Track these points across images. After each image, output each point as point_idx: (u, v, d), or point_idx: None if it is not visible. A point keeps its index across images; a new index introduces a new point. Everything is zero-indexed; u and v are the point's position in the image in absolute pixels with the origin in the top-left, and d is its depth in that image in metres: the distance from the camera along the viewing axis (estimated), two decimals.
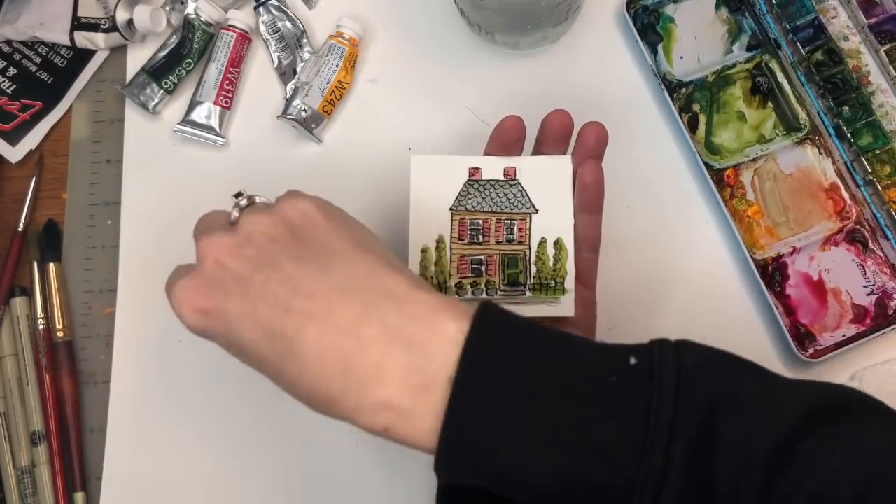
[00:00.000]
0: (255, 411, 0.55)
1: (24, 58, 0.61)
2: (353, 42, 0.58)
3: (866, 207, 0.55)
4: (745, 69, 0.57)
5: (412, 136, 0.58)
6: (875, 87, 0.57)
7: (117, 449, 0.55)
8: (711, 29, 0.59)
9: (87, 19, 0.59)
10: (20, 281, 0.58)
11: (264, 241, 0.39)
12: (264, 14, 0.60)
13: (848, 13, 0.58)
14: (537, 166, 0.46)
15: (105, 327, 0.57)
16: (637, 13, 0.59)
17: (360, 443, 0.54)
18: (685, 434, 0.32)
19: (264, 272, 0.37)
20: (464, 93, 0.59)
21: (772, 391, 0.34)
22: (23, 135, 0.60)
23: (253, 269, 0.38)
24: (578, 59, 0.59)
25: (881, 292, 0.54)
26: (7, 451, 0.55)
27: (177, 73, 0.59)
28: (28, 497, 0.54)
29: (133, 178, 0.59)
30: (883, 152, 0.55)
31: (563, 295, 0.45)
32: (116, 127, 0.60)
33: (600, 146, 0.46)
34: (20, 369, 0.56)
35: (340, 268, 0.37)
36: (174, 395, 0.56)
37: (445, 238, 0.45)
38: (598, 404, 0.33)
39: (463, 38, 0.60)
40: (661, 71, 0.58)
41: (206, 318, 0.39)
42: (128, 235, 0.58)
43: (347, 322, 0.35)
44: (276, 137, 0.58)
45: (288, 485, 0.54)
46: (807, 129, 0.56)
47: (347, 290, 0.36)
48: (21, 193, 0.59)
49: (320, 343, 0.35)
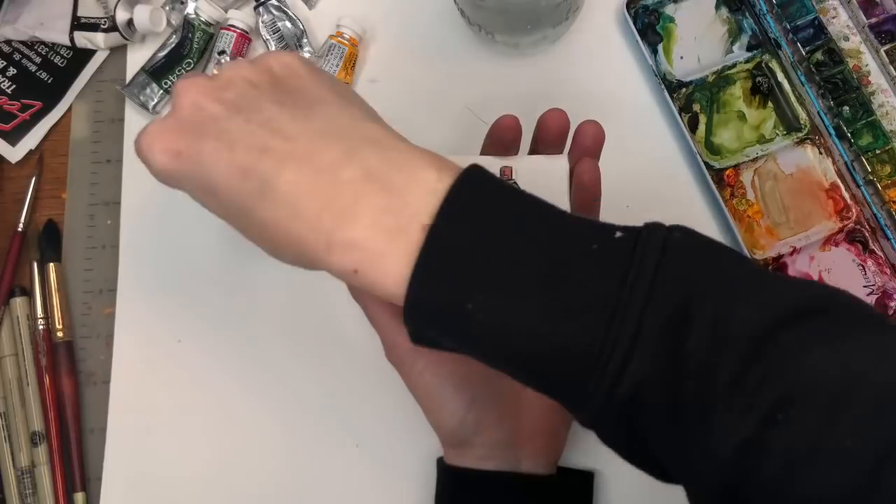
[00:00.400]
0: (255, 411, 0.55)
1: (24, 58, 0.61)
2: (353, 42, 0.58)
3: (866, 207, 0.55)
4: (745, 69, 0.57)
5: (412, 135, 0.58)
6: (875, 87, 0.57)
7: (117, 449, 0.55)
8: (711, 29, 0.59)
9: (87, 19, 0.59)
10: (20, 281, 0.58)
11: (245, 86, 0.38)
12: (264, 14, 0.60)
13: (848, 13, 0.58)
14: (534, 166, 0.46)
15: (105, 327, 0.57)
16: (637, 13, 0.59)
17: (360, 443, 0.54)
18: (660, 306, 0.31)
19: (243, 114, 0.36)
20: (464, 93, 0.59)
21: (762, 280, 0.33)
22: (23, 135, 0.60)
23: (232, 111, 0.37)
24: (578, 59, 0.59)
25: (881, 292, 0.54)
26: (7, 451, 0.55)
27: (177, 72, 0.59)
28: (28, 497, 0.54)
29: (133, 178, 0.59)
30: (883, 152, 0.55)
31: None
32: (116, 127, 0.60)
33: (597, 145, 0.46)
34: (20, 369, 0.56)
35: (322, 114, 0.36)
36: (174, 395, 0.56)
37: None
38: (574, 268, 0.32)
39: (463, 38, 0.60)
40: (661, 71, 0.58)
41: (176, 159, 0.37)
42: (128, 235, 0.58)
43: (327, 163, 0.34)
44: None
45: (288, 484, 0.54)
46: (807, 129, 0.56)
47: (328, 135, 0.35)
48: (21, 193, 0.59)
49: (297, 182, 0.34)
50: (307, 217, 0.34)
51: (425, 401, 0.45)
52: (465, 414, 0.44)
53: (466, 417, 0.44)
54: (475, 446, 0.45)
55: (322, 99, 0.38)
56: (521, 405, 0.46)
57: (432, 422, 0.46)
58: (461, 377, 0.44)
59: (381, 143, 0.36)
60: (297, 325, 0.56)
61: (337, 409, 0.55)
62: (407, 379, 0.45)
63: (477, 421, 0.44)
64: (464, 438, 0.45)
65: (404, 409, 0.47)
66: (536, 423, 0.46)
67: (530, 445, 0.46)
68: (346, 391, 0.55)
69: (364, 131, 0.36)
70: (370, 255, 0.33)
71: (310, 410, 0.55)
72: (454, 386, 0.44)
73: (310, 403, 0.55)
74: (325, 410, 0.55)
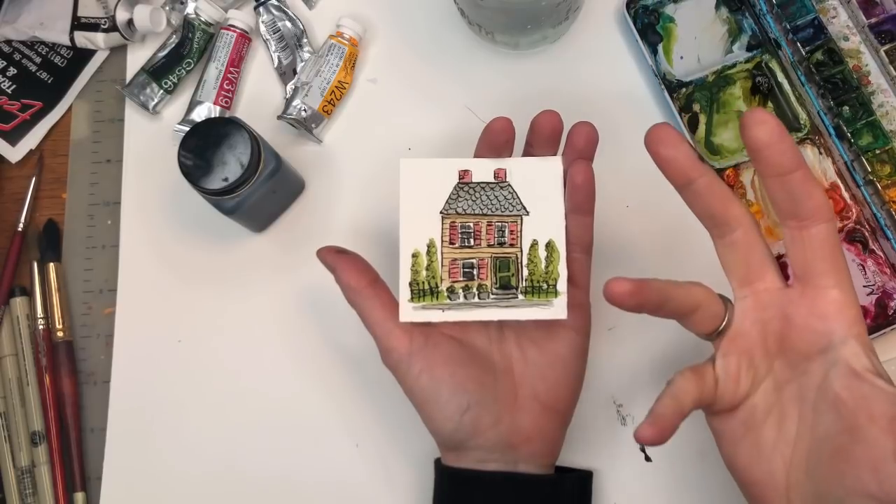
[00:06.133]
0: (255, 411, 0.55)
1: (24, 58, 0.61)
2: (353, 42, 0.58)
3: (866, 207, 0.55)
4: (745, 69, 0.57)
5: (412, 135, 0.59)
6: (875, 87, 0.57)
7: (117, 449, 0.55)
8: (711, 29, 0.59)
9: (87, 19, 0.59)
10: (20, 281, 0.58)
11: None
12: (264, 14, 0.60)
13: (848, 13, 0.58)
14: (527, 168, 0.46)
15: (105, 327, 0.57)
16: (637, 13, 0.59)
17: (360, 443, 0.54)
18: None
19: None
20: (464, 92, 0.59)
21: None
22: (23, 135, 0.60)
23: None
24: (578, 59, 0.59)
25: (881, 292, 0.54)
26: (7, 451, 0.55)
27: (177, 72, 0.59)
28: (28, 497, 0.54)
29: (133, 178, 0.59)
30: (883, 152, 0.55)
31: (556, 297, 0.45)
32: (116, 127, 0.60)
33: (590, 147, 0.46)
34: (20, 369, 0.56)
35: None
36: (174, 395, 0.56)
37: (436, 242, 0.45)
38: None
39: (463, 38, 0.60)
40: (661, 71, 0.58)
41: None
42: (128, 235, 0.58)
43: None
44: (276, 137, 0.58)
45: (287, 484, 0.54)
46: (807, 129, 0.56)
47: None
48: (21, 193, 0.59)
49: None
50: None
51: (421, 405, 0.45)
52: (461, 417, 0.44)
53: (462, 421, 0.44)
54: (472, 449, 0.45)
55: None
56: (517, 408, 0.46)
57: (429, 425, 0.46)
58: (457, 381, 0.44)
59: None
60: (296, 326, 0.56)
61: (337, 409, 0.55)
62: (403, 383, 0.46)
63: (473, 424, 0.45)
64: (460, 442, 0.45)
65: (404, 409, 0.47)
66: (533, 425, 0.46)
67: (527, 448, 0.46)
68: (346, 391, 0.55)
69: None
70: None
71: (310, 410, 0.55)
72: (450, 390, 0.44)
73: (310, 403, 0.55)
74: (325, 410, 0.55)
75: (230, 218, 0.52)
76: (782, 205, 0.38)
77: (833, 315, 0.38)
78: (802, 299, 0.39)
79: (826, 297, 0.38)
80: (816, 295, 0.39)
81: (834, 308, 0.38)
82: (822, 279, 0.38)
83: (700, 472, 0.53)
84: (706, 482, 0.52)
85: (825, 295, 0.38)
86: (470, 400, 0.44)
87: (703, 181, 0.40)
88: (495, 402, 0.45)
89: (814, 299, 0.39)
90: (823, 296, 0.38)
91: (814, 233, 0.38)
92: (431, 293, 0.45)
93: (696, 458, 0.53)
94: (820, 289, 0.38)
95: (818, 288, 0.38)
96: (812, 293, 0.39)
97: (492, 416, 0.45)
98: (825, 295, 0.38)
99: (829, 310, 0.38)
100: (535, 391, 0.46)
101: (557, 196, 0.45)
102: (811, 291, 0.39)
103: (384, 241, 0.56)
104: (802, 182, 0.37)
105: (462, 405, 0.44)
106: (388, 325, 0.45)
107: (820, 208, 0.38)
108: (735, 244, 0.40)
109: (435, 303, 0.45)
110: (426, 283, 0.45)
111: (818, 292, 0.38)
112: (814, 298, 0.39)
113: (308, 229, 0.58)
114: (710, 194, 0.40)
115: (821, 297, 0.38)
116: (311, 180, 0.58)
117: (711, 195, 0.40)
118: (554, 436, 0.48)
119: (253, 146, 0.49)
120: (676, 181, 0.40)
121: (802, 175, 0.37)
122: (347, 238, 0.56)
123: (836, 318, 0.38)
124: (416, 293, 0.45)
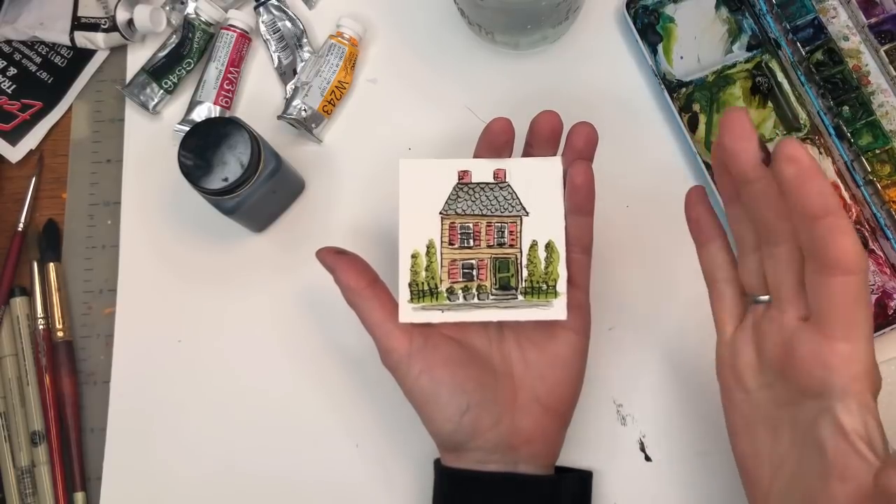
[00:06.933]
0: (255, 411, 0.55)
1: (24, 58, 0.61)
2: (353, 42, 0.58)
3: (866, 207, 0.55)
4: (745, 69, 0.57)
5: (412, 135, 0.59)
6: (875, 87, 0.57)
7: (117, 449, 0.55)
8: (711, 29, 0.59)
9: (87, 19, 0.59)
10: (20, 281, 0.58)
11: None
12: (264, 14, 0.60)
13: (848, 13, 0.58)
14: (527, 168, 0.46)
15: (105, 327, 0.57)
16: (637, 13, 0.59)
17: (360, 443, 0.55)
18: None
19: None
20: (464, 92, 0.59)
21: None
22: (23, 135, 0.60)
23: None
24: (578, 59, 0.59)
25: (881, 292, 0.54)
26: (7, 451, 0.55)
27: (177, 72, 0.59)
28: (28, 497, 0.54)
29: (133, 178, 0.59)
30: (883, 152, 0.55)
31: (556, 298, 0.45)
32: (116, 127, 0.60)
33: (590, 147, 0.46)
34: (20, 369, 0.56)
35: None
36: (174, 395, 0.56)
37: (436, 242, 0.45)
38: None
39: (463, 38, 0.60)
40: (661, 71, 0.58)
41: None
42: (128, 235, 0.58)
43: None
44: (276, 137, 0.58)
45: (287, 484, 0.54)
46: (807, 128, 0.56)
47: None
48: (21, 193, 0.59)
49: None
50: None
51: (421, 406, 0.45)
52: (461, 418, 0.44)
53: (462, 422, 0.44)
54: (472, 450, 0.45)
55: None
56: (516, 409, 0.46)
57: (428, 426, 0.46)
58: (456, 382, 0.44)
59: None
60: (296, 326, 0.56)
61: (337, 410, 0.55)
62: (403, 384, 0.46)
63: (473, 425, 0.45)
64: (460, 442, 0.45)
65: (403, 410, 0.47)
66: (532, 426, 0.46)
67: (527, 448, 0.46)
68: (346, 391, 0.55)
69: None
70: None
71: (309, 411, 0.55)
72: (449, 391, 0.44)
73: (309, 404, 0.55)
74: (325, 411, 0.55)
75: (230, 218, 0.52)
76: (804, 244, 0.35)
77: (836, 367, 0.35)
78: (811, 337, 0.36)
79: (832, 348, 0.35)
80: (823, 342, 0.36)
81: (839, 361, 0.35)
82: (833, 329, 0.35)
83: (700, 472, 0.53)
84: (706, 482, 0.52)
85: (832, 346, 0.35)
86: (470, 401, 0.44)
87: (766, 182, 0.36)
88: (495, 403, 0.45)
89: (820, 345, 0.36)
90: (831, 346, 0.35)
91: (833, 282, 0.34)
92: (431, 294, 0.45)
93: (696, 458, 0.53)
94: (828, 338, 0.36)
95: (827, 337, 0.36)
96: (820, 339, 0.36)
97: (491, 417, 0.45)
98: (832, 346, 0.35)
99: (834, 361, 0.35)
100: (534, 392, 0.46)
101: (557, 196, 0.45)
102: (819, 337, 0.36)
103: (384, 242, 0.56)
104: (830, 230, 0.34)
105: (462, 406, 0.44)
106: (388, 325, 0.45)
107: (845, 260, 0.34)
108: (775, 257, 0.38)
109: (434, 303, 0.45)
110: (426, 283, 0.45)
111: (826, 341, 0.36)
112: (820, 344, 0.36)
113: (308, 229, 0.58)
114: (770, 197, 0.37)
115: (828, 345, 0.36)
116: (311, 180, 0.58)
117: (770, 198, 0.37)
118: (554, 436, 0.48)
119: (253, 146, 0.49)
120: (743, 175, 0.37)
121: (832, 223, 0.33)
122: (347, 238, 0.56)
123: (838, 371, 0.35)
124: (415, 294, 0.45)
